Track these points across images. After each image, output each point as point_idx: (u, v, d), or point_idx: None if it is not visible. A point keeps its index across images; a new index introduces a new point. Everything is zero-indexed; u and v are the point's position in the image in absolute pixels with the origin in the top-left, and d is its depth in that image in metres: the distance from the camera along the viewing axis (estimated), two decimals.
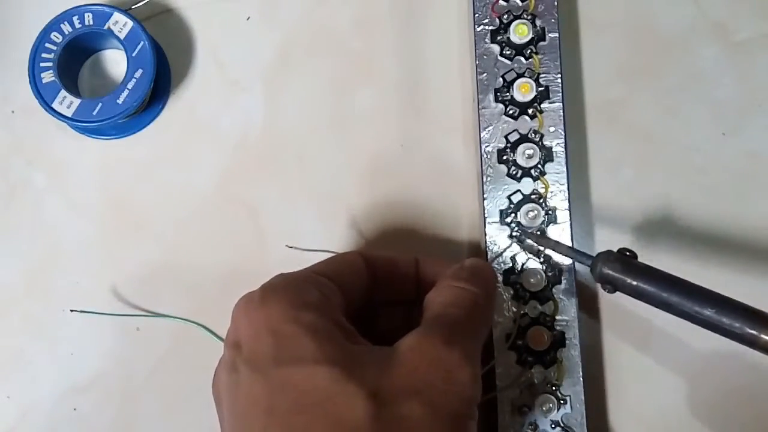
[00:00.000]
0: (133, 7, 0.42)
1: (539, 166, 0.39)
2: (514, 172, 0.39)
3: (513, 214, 0.39)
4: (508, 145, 0.40)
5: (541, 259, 0.39)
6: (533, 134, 0.40)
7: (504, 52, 0.40)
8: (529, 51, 0.40)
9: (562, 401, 0.38)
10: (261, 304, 0.31)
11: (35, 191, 0.43)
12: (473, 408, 0.31)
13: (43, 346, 0.42)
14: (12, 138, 0.43)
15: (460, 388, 0.30)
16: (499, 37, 0.40)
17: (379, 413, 0.28)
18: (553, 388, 0.38)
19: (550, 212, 0.39)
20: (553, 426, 0.38)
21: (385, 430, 0.28)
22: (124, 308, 0.42)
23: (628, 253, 0.33)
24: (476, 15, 0.40)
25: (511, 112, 0.40)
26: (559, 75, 0.40)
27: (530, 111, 0.40)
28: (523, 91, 0.40)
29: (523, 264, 0.39)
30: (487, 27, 0.40)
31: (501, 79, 0.40)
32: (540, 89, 0.40)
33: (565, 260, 0.39)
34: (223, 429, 0.32)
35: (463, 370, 0.30)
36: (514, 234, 0.39)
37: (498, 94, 0.40)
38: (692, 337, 0.41)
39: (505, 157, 0.40)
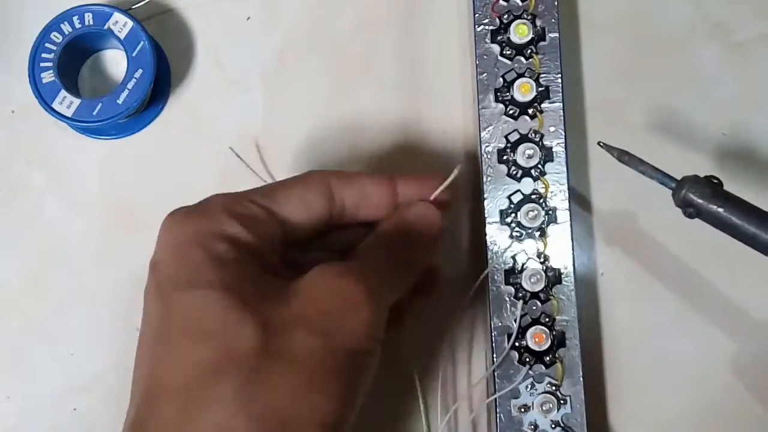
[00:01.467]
0: (133, 7, 0.42)
1: (539, 166, 0.39)
2: (514, 172, 0.39)
3: (513, 214, 0.39)
4: (509, 145, 0.40)
5: (541, 260, 0.39)
6: (533, 134, 0.40)
7: (504, 52, 0.40)
8: (529, 51, 0.40)
9: (562, 401, 0.38)
10: (180, 225, 0.31)
11: (35, 191, 0.43)
12: (373, 344, 0.30)
13: (43, 346, 0.42)
14: (12, 138, 0.43)
15: (356, 323, 0.30)
16: (499, 37, 0.40)
17: (267, 344, 0.28)
18: (554, 388, 0.38)
19: (550, 212, 0.39)
20: (553, 426, 0.38)
21: (272, 361, 0.28)
22: (124, 308, 0.42)
23: (715, 181, 0.32)
24: (476, 15, 0.40)
25: (511, 112, 0.40)
26: (560, 75, 0.40)
27: (530, 111, 0.40)
28: (524, 91, 0.39)
29: (523, 264, 0.39)
30: (487, 27, 0.40)
31: (501, 79, 0.40)
32: (540, 89, 0.40)
33: (565, 261, 0.39)
34: (138, 348, 0.32)
35: (364, 306, 0.30)
36: (600, 143, 0.36)
37: (498, 94, 0.40)
38: (692, 337, 0.41)
39: (505, 157, 0.40)
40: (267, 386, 0.28)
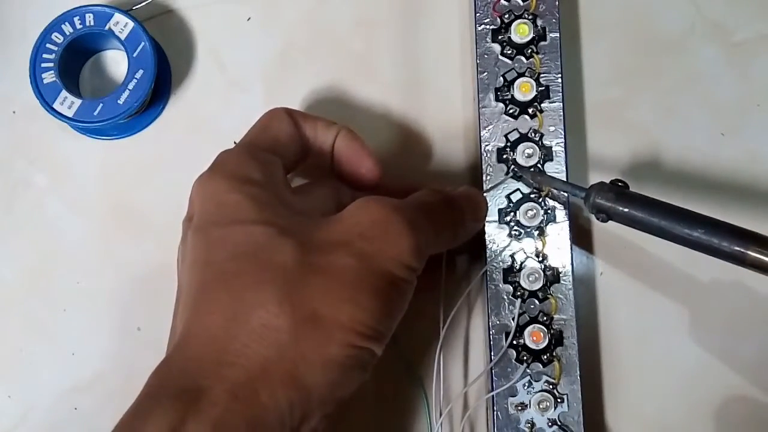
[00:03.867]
0: (134, 7, 0.42)
1: (539, 165, 0.39)
2: (514, 171, 0.39)
3: (512, 213, 0.39)
4: (508, 144, 0.40)
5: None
6: (533, 133, 0.40)
7: (505, 52, 0.40)
8: (529, 50, 0.40)
9: (559, 399, 0.38)
10: (209, 179, 0.33)
11: (36, 191, 0.43)
12: (410, 274, 0.32)
13: (44, 346, 0.42)
14: (13, 138, 0.44)
15: (396, 251, 0.31)
16: (500, 37, 0.40)
17: (306, 259, 0.30)
18: (551, 386, 0.38)
19: (548, 211, 0.39)
20: (550, 424, 0.38)
21: (311, 273, 0.30)
22: (124, 309, 0.42)
23: (620, 184, 0.34)
24: (477, 14, 0.40)
25: (511, 111, 0.40)
26: (560, 75, 0.40)
27: (530, 110, 0.40)
28: (524, 90, 0.40)
29: (521, 262, 0.39)
30: (488, 26, 0.40)
31: (501, 79, 0.40)
32: (540, 89, 0.40)
33: (564, 260, 0.39)
34: (177, 299, 0.33)
35: (405, 237, 0.31)
36: (511, 169, 0.39)
37: (498, 93, 0.40)
38: (689, 337, 0.41)
39: (504, 156, 0.40)
40: (308, 293, 0.30)
